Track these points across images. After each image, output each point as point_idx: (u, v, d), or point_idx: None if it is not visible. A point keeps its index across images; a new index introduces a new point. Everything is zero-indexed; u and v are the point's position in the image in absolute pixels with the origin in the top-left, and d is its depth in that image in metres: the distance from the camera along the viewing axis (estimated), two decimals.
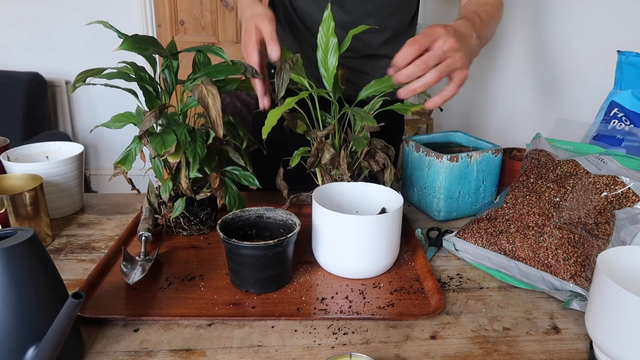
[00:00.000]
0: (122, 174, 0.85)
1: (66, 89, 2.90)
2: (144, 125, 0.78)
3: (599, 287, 0.58)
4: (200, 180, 0.92)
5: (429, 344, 0.66)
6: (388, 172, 0.92)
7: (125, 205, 1.08)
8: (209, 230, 0.95)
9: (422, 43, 0.71)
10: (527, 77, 1.76)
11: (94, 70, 0.77)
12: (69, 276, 0.81)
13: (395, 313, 0.72)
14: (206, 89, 0.78)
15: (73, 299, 0.51)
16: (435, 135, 1.13)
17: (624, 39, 1.26)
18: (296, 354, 0.64)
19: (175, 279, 0.79)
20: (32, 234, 0.57)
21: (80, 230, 0.97)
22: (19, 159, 1.04)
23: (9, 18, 2.80)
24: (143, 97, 0.85)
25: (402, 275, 0.82)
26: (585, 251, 0.76)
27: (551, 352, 0.65)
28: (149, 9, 2.80)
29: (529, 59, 1.74)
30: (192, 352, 0.64)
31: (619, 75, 1.07)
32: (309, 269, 0.83)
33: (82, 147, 1.06)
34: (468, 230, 0.88)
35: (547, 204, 0.83)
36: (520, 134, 1.69)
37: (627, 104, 1.04)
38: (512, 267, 0.81)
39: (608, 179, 0.81)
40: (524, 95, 1.78)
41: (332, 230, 0.78)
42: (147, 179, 0.97)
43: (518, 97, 1.82)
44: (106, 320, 0.69)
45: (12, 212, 0.84)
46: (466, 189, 1.00)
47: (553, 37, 1.61)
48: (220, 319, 0.70)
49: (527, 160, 0.93)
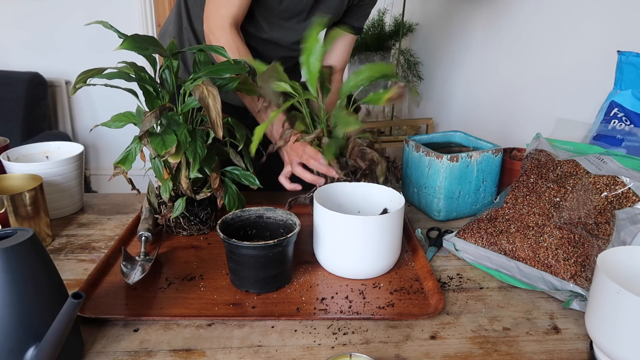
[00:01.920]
0: (122, 174, 0.85)
1: (66, 89, 2.90)
2: (144, 126, 0.78)
3: (599, 287, 0.58)
4: (200, 180, 0.92)
5: (429, 344, 0.66)
6: (379, 167, 0.92)
7: (125, 205, 1.08)
8: (209, 230, 0.95)
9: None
10: (527, 77, 1.76)
11: (94, 71, 0.77)
12: (69, 276, 0.81)
13: (395, 313, 0.72)
14: (207, 89, 0.78)
15: (73, 299, 0.51)
16: (435, 135, 1.13)
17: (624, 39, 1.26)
18: (296, 354, 0.64)
19: (175, 279, 0.79)
20: (32, 234, 0.57)
21: (80, 230, 0.97)
22: (19, 159, 1.04)
23: (9, 18, 2.80)
24: (143, 97, 0.85)
25: (402, 275, 0.82)
26: (585, 251, 0.76)
27: (551, 352, 0.65)
28: (149, 9, 2.80)
29: (529, 59, 1.74)
30: (192, 352, 0.64)
31: (619, 75, 1.07)
32: (309, 269, 0.83)
33: (82, 147, 1.06)
34: (468, 230, 0.88)
35: (547, 204, 0.83)
36: (520, 134, 1.69)
37: (627, 104, 1.04)
38: (512, 267, 0.81)
39: (608, 179, 0.81)
40: (524, 95, 1.78)
41: (334, 231, 0.78)
42: (147, 179, 0.97)
43: (518, 97, 1.82)
44: (106, 320, 0.69)
45: (12, 212, 0.84)
46: (466, 189, 1.00)
47: (553, 37, 1.61)
48: (220, 319, 0.70)
49: (527, 160, 0.93)
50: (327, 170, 0.92)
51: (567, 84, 1.52)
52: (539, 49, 1.66)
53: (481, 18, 1.99)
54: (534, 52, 1.69)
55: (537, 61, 1.67)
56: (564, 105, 1.53)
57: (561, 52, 1.55)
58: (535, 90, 1.68)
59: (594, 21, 1.40)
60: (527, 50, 1.73)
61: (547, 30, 1.62)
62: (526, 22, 1.73)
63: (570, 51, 1.51)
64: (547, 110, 1.61)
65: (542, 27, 1.65)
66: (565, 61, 1.53)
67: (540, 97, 1.66)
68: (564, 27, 1.53)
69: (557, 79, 1.57)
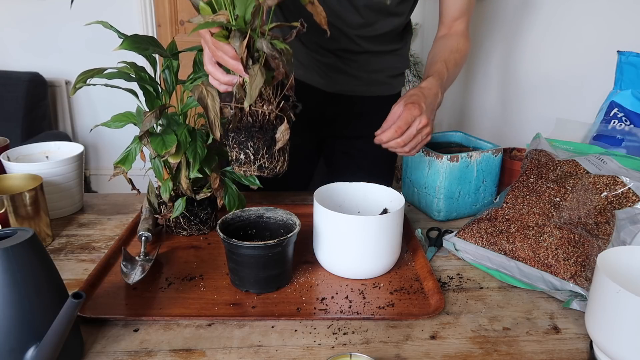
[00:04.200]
0: (122, 174, 0.85)
1: (66, 89, 2.90)
2: (144, 126, 0.78)
3: (599, 287, 0.58)
4: (200, 180, 0.92)
5: (429, 344, 0.66)
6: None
7: (125, 205, 1.08)
8: (209, 230, 0.95)
9: (403, 128, 0.87)
10: (527, 77, 1.76)
11: (94, 71, 0.77)
12: (69, 276, 0.81)
13: (395, 313, 0.72)
14: (206, 89, 0.78)
15: (73, 299, 0.51)
16: (435, 135, 1.13)
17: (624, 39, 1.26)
18: (296, 354, 0.64)
19: (175, 279, 0.79)
20: (32, 234, 0.57)
21: (80, 230, 0.97)
22: (19, 159, 1.04)
23: (9, 18, 2.80)
24: (143, 97, 0.85)
25: (402, 275, 0.82)
26: (585, 251, 0.76)
27: (551, 352, 0.65)
28: (149, 9, 2.80)
29: (529, 59, 1.74)
30: (192, 352, 0.64)
31: (619, 75, 1.07)
32: (309, 269, 0.83)
33: (82, 147, 1.06)
34: (468, 230, 0.88)
35: (547, 204, 0.83)
36: (520, 134, 1.69)
37: (627, 104, 1.04)
38: (512, 267, 0.81)
39: (608, 179, 0.81)
40: (524, 95, 1.78)
41: (334, 231, 0.78)
42: (147, 179, 0.97)
43: (518, 97, 1.81)
44: (106, 320, 0.69)
45: (12, 212, 0.84)
46: (466, 189, 1.00)
47: (553, 37, 1.61)
48: (220, 319, 0.70)
49: (527, 160, 0.93)
50: (235, 66, 0.73)
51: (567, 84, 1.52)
52: (539, 49, 1.66)
53: (481, 18, 1.99)
54: (534, 51, 1.69)
55: (537, 61, 1.67)
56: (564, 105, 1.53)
57: (561, 52, 1.55)
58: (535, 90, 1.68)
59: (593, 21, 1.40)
60: (527, 50, 1.73)
61: (547, 30, 1.62)
62: (526, 21, 1.73)
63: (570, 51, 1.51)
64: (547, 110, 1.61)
65: (542, 26, 1.65)
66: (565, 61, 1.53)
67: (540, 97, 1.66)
68: (564, 27, 1.53)
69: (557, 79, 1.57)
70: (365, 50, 1.13)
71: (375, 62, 1.16)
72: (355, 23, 1.07)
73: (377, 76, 1.18)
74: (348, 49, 1.12)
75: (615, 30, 1.32)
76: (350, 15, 1.05)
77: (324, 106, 1.17)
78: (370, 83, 1.17)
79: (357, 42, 1.10)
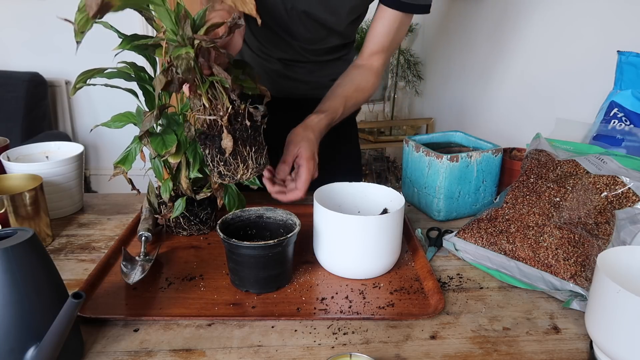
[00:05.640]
0: (122, 174, 0.85)
1: (66, 89, 2.90)
2: (144, 126, 0.78)
3: (599, 287, 0.58)
4: (200, 180, 0.92)
5: (429, 344, 0.66)
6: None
7: (125, 205, 1.08)
8: (209, 230, 0.95)
9: (306, 189, 0.90)
10: (527, 77, 1.76)
11: (94, 71, 0.77)
12: (69, 276, 0.81)
13: (395, 313, 0.72)
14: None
15: (73, 299, 0.51)
16: (435, 135, 1.13)
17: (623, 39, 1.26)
18: (296, 354, 0.64)
19: (175, 279, 0.80)
20: (32, 234, 0.57)
21: (80, 230, 0.97)
22: (19, 159, 1.04)
23: (9, 18, 2.80)
24: (143, 97, 0.85)
25: (402, 275, 0.82)
26: (585, 251, 0.77)
27: (551, 352, 0.65)
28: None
29: (529, 59, 1.74)
30: (192, 352, 0.64)
31: (619, 75, 1.07)
32: (309, 269, 0.83)
33: (82, 147, 1.06)
34: (468, 230, 0.88)
35: (547, 204, 0.83)
36: (520, 134, 1.69)
37: (627, 104, 1.04)
38: (512, 267, 0.81)
39: (608, 179, 0.81)
40: (524, 95, 1.78)
41: (334, 231, 0.78)
42: (147, 179, 0.97)
43: (518, 97, 1.82)
44: (106, 320, 0.69)
45: (12, 212, 0.84)
46: (466, 189, 1.00)
47: (553, 37, 1.61)
48: (220, 319, 0.70)
49: (527, 160, 0.94)
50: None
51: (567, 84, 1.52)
52: (538, 49, 1.67)
53: (481, 18, 1.99)
54: (534, 51, 1.69)
55: (537, 61, 1.67)
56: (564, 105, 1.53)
57: (561, 52, 1.55)
58: (535, 90, 1.69)
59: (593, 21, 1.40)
60: (527, 50, 1.73)
61: (547, 30, 1.62)
62: (526, 21, 1.73)
63: (570, 51, 1.51)
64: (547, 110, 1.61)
65: (542, 26, 1.65)
66: (565, 61, 1.53)
67: (540, 97, 1.66)
68: (564, 27, 1.53)
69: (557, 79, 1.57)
70: (311, 61, 1.19)
71: (321, 69, 1.22)
72: (304, 38, 1.13)
73: (322, 80, 1.22)
74: (294, 59, 1.18)
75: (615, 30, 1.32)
76: (301, 30, 1.10)
77: (274, 111, 1.18)
78: (316, 87, 1.20)
79: (303, 54, 1.17)
